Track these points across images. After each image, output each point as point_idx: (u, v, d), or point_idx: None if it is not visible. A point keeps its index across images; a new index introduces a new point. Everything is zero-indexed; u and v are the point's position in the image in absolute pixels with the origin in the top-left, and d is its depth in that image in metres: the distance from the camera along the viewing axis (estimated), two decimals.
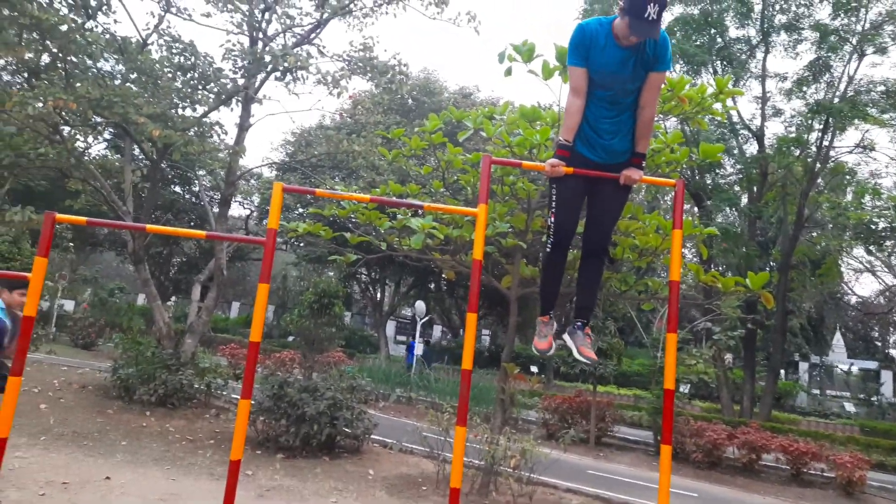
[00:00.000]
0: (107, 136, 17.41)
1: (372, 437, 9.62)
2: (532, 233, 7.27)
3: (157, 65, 10.82)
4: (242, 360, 15.73)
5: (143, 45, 11.16)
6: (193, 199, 27.61)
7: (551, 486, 8.83)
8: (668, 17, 18.85)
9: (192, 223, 27.74)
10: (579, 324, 3.47)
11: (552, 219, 3.37)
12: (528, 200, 7.09)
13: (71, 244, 17.42)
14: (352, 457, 9.00)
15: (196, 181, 24.95)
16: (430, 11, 11.88)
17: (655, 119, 6.63)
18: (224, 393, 11.48)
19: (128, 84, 11.00)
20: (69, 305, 25.41)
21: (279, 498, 6.68)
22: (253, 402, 8.17)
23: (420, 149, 7.33)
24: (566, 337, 3.51)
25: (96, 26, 10.79)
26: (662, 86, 6.03)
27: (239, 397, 3.12)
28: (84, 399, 10.23)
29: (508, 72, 5.81)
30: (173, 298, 31.02)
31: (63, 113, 9.60)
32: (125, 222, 10.41)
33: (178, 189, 27.75)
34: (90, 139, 13.24)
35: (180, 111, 11.14)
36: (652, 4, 2.86)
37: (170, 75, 11.02)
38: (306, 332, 10.84)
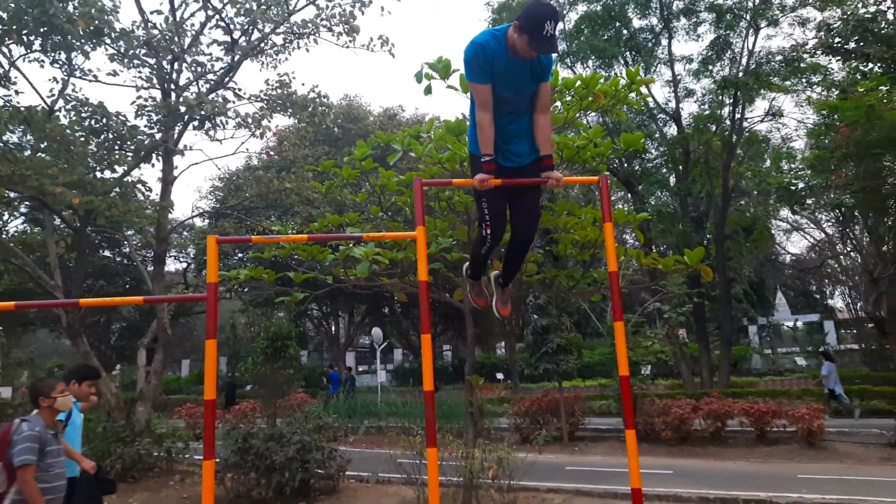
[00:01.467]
0: (23, 209, 16.64)
1: (347, 473, 9.43)
2: None
3: (68, 131, 10.41)
4: (200, 420, 15.18)
5: (50, 112, 10.74)
6: (125, 261, 26.63)
7: (532, 489, 8.85)
8: (573, 17, 19.51)
9: (127, 286, 26.73)
10: (502, 282, 4.18)
11: (488, 231, 3.64)
12: (467, 212, 7.14)
13: (0, 328, 16.50)
14: (329, 497, 8.79)
15: (125, 242, 24.12)
16: (342, 41, 11.92)
17: (576, 116, 6.85)
18: (186, 456, 11.05)
19: (39, 154, 10.56)
20: (6, 392, 23.96)
21: None
22: (218, 459, 7.90)
23: (353, 177, 7.29)
24: (494, 286, 4.19)
25: None
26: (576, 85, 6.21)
27: (202, 458, 3.01)
28: None
29: (428, 90, 5.86)
30: (118, 367, 29.75)
31: None
32: (57, 300, 9.95)
33: (107, 253, 26.74)
34: (6, 216, 12.63)
35: (98, 175, 10.76)
36: (549, 22, 3.01)
37: (82, 140, 10.63)
38: (263, 378, 10.57)
